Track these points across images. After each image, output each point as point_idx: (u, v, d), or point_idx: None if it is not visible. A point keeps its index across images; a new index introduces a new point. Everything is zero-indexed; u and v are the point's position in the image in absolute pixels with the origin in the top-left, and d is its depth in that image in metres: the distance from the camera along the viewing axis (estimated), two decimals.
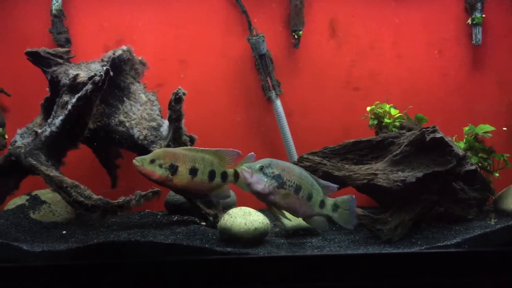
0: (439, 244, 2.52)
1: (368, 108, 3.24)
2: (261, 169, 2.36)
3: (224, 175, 2.54)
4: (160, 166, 2.45)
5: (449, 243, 2.52)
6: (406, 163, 2.70)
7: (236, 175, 2.54)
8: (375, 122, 3.20)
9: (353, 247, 2.59)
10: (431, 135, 2.63)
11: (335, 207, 2.50)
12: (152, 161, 2.46)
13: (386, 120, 3.16)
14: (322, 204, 2.48)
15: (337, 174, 2.89)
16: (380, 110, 3.19)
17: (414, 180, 2.60)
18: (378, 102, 3.24)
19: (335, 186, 2.53)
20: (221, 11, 3.48)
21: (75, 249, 2.36)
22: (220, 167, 2.53)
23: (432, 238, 2.68)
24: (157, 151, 2.52)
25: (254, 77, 3.50)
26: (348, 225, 2.52)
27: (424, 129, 2.68)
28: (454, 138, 3.02)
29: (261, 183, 2.35)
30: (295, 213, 2.50)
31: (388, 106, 3.19)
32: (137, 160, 2.47)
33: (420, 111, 3.25)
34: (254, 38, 3.41)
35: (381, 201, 2.96)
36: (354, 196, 2.52)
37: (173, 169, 2.45)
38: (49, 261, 2.30)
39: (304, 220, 2.57)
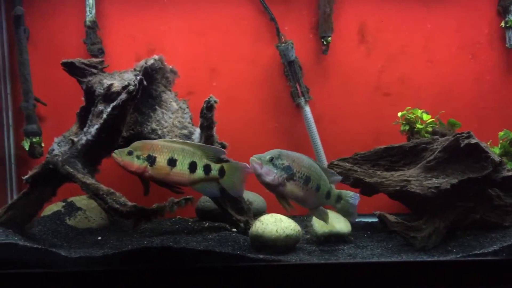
0: (476, 252, 2.48)
1: (399, 114, 3.21)
2: (271, 160, 2.35)
3: (207, 168, 2.48)
4: (138, 157, 2.44)
5: (486, 251, 2.47)
6: (440, 169, 2.66)
7: (222, 171, 2.48)
8: (407, 127, 3.16)
9: (386, 255, 2.57)
10: (466, 141, 2.59)
11: (339, 198, 2.50)
12: (130, 153, 2.45)
13: (418, 125, 3.11)
14: (328, 195, 2.47)
15: (369, 181, 2.87)
16: (412, 116, 3.15)
17: (449, 186, 2.56)
18: (409, 107, 3.21)
19: (340, 176, 2.56)
20: (250, 19, 3.51)
21: (111, 255, 2.40)
22: (203, 160, 2.47)
23: (468, 245, 2.64)
24: (135, 143, 2.50)
25: (283, 84, 3.51)
26: (349, 217, 2.54)
27: (458, 135, 2.64)
28: (488, 143, 2.96)
29: (271, 175, 2.34)
30: (303, 204, 2.48)
31: (420, 111, 3.15)
32: (115, 153, 2.46)
33: (453, 116, 3.21)
34: (283, 45, 3.42)
35: (414, 208, 2.92)
36: (358, 195, 2.53)
37: (151, 160, 2.43)
38: (87, 267, 2.34)
39: (309, 210, 2.55)
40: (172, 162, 2.43)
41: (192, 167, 2.46)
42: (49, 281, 2.33)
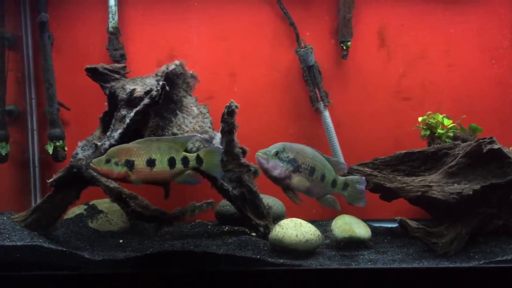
0: (498, 258, 2.45)
1: (420, 119, 3.18)
2: (277, 154, 2.39)
3: (185, 161, 2.50)
4: (116, 164, 2.44)
5: (509, 257, 2.44)
6: (462, 175, 2.64)
7: (199, 159, 2.50)
8: (427, 132, 3.14)
9: (407, 261, 2.55)
10: (489, 146, 2.56)
11: (345, 185, 2.50)
12: (108, 161, 2.45)
13: (439, 130, 3.08)
14: (334, 183, 2.49)
15: (389, 186, 2.86)
16: (433, 121, 3.12)
17: (471, 192, 2.53)
18: (430, 112, 3.18)
19: (345, 163, 2.58)
20: (270, 24, 3.52)
21: (133, 258, 2.44)
22: (179, 153, 2.49)
23: (490, 252, 2.61)
24: (111, 149, 2.50)
25: (302, 88, 3.52)
26: (357, 203, 2.51)
27: (481, 140, 2.62)
28: (511, 148, 2.92)
29: (278, 168, 2.38)
30: (310, 194, 2.50)
31: (440, 116, 3.12)
32: (94, 162, 2.47)
33: (475, 121, 3.17)
34: (302, 49, 3.43)
35: (435, 213, 2.89)
36: (364, 178, 2.53)
37: (130, 164, 2.44)
38: (110, 270, 2.38)
39: (317, 199, 2.55)
40: (151, 163, 2.45)
41: (171, 162, 2.49)
42: (73, 283, 2.37)
